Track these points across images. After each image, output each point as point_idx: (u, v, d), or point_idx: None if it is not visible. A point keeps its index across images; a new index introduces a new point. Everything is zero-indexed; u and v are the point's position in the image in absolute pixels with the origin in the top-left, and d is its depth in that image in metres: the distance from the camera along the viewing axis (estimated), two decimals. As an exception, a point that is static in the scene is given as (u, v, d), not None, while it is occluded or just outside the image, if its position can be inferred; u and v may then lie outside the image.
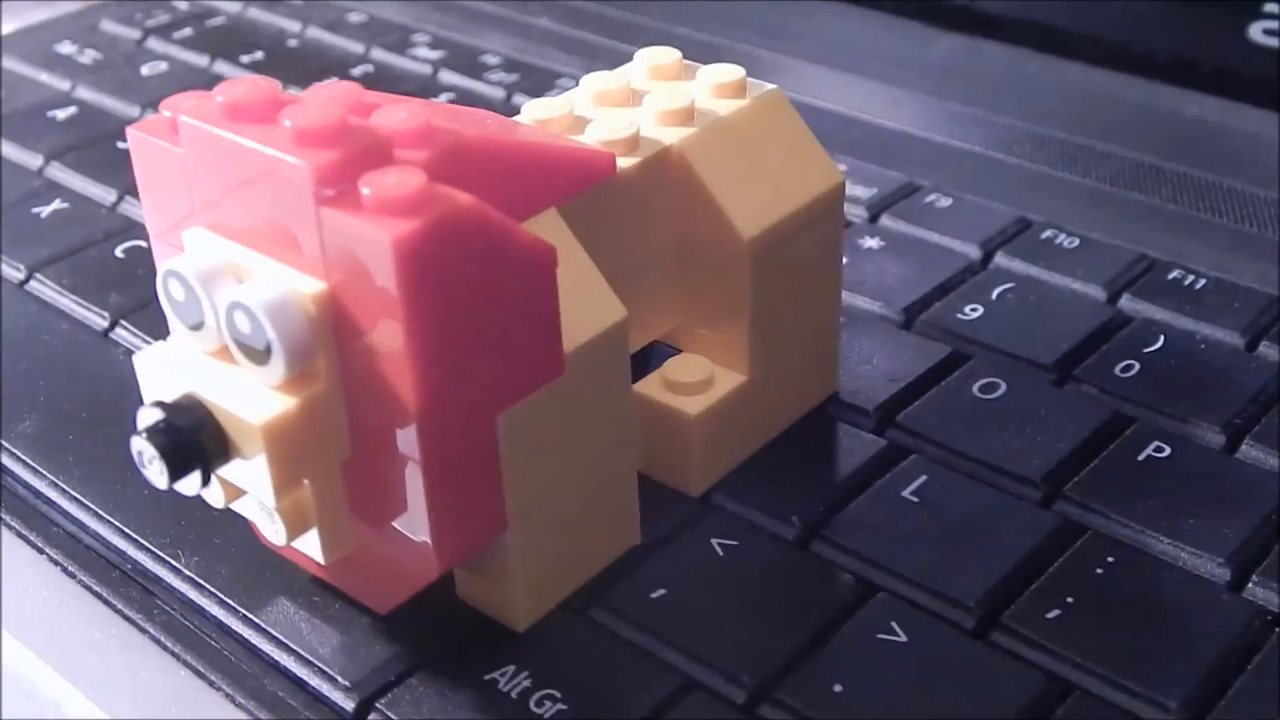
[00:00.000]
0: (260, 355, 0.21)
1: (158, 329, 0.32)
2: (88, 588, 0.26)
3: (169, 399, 0.22)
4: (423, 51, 0.44)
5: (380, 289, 0.20)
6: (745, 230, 0.25)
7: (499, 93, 0.42)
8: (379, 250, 0.20)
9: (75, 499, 0.28)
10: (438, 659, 0.24)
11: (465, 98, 0.41)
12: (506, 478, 0.23)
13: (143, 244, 0.35)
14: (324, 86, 0.23)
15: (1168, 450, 0.27)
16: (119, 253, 0.35)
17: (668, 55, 0.28)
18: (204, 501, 0.23)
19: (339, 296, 0.21)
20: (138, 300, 0.33)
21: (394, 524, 0.22)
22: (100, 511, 0.27)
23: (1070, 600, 0.24)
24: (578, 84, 0.27)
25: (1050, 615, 0.24)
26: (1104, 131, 0.39)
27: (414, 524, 0.22)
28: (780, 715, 0.23)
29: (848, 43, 0.44)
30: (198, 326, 0.22)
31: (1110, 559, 0.25)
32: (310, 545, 0.23)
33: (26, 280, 0.34)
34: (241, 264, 0.22)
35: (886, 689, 0.23)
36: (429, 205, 0.20)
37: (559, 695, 0.23)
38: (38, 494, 0.28)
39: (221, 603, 0.25)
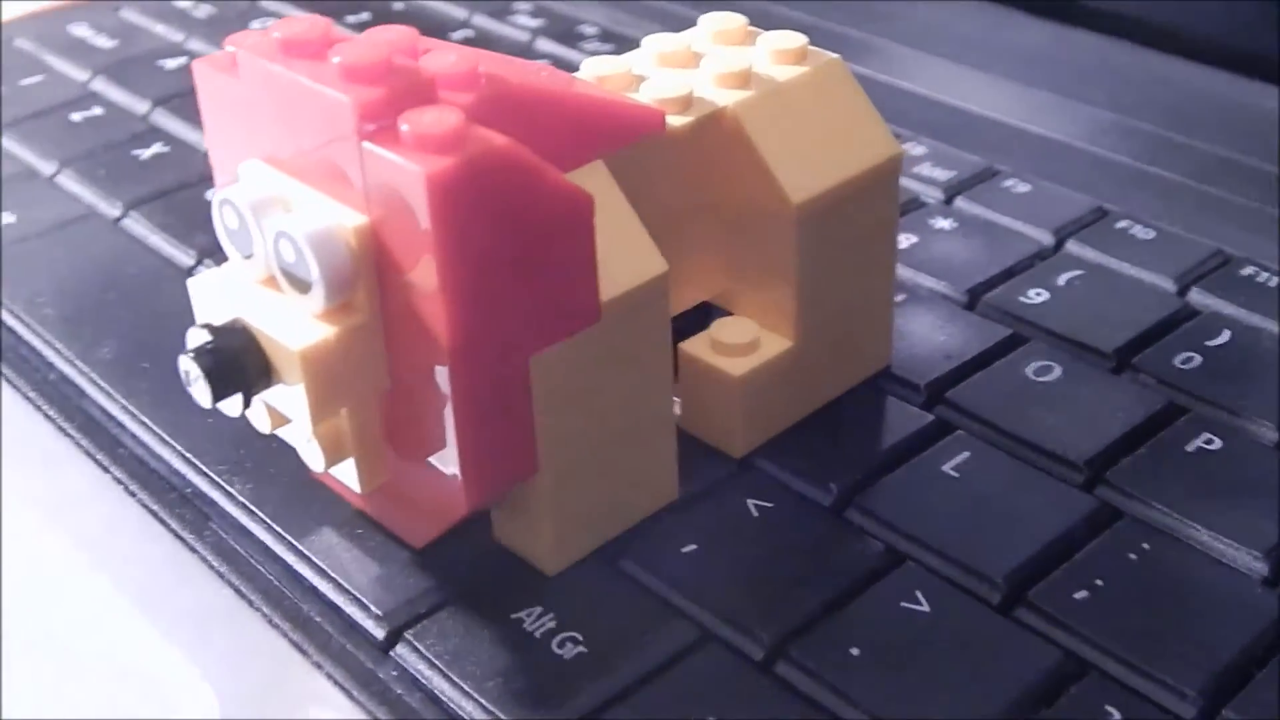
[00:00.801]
0: (304, 285, 0.22)
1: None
2: (145, 506, 0.27)
3: (217, 322, 0.22)
4: (523, 19, 0.45)
5: (417, 224, 0.21)
6: (794, 194, 0.26)
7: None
8: (414, 185, 0.20)
9: (143, 423, 0.29)
10: (468, 595, 0.24)
11: (560, 65, 0.41)
12: (539, 421, 0.23)
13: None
14: (382, 29, 0.23)
15: (1218, 443, 0.27)
16: (210, 195, 0.36)
17: (732, 20, 0.28)
18: (257, 436, 0.24)
19: (380, 230, 0.21)
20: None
21: (429, 459, 0.23)
22: (165, 435, 0.28)
23: (1100, 583, 0.24)
24: (642, 43, 0.28)
25: (1077, 595, 0.24)
26: (1192, 126, 0.38)
27: (446, 460, 0.23)
28: (795, 673, 0.23)
29: (941, 26, 0.44)
30: (249, 255, 0.23)
31: (1145, 545, 0.25)
32: (347, 474, 0.24)
33: (122, 217, 0.36)
34: (291, 196, 0.22)
35: (903, 656, 0.23)
36: (465, 144, 0.21)
37: (580, 638, 0.23)
38: (109, 416, 0.29)
39: (269, 528, 0.26)
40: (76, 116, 0.40)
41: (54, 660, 0.24)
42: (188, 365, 0.22)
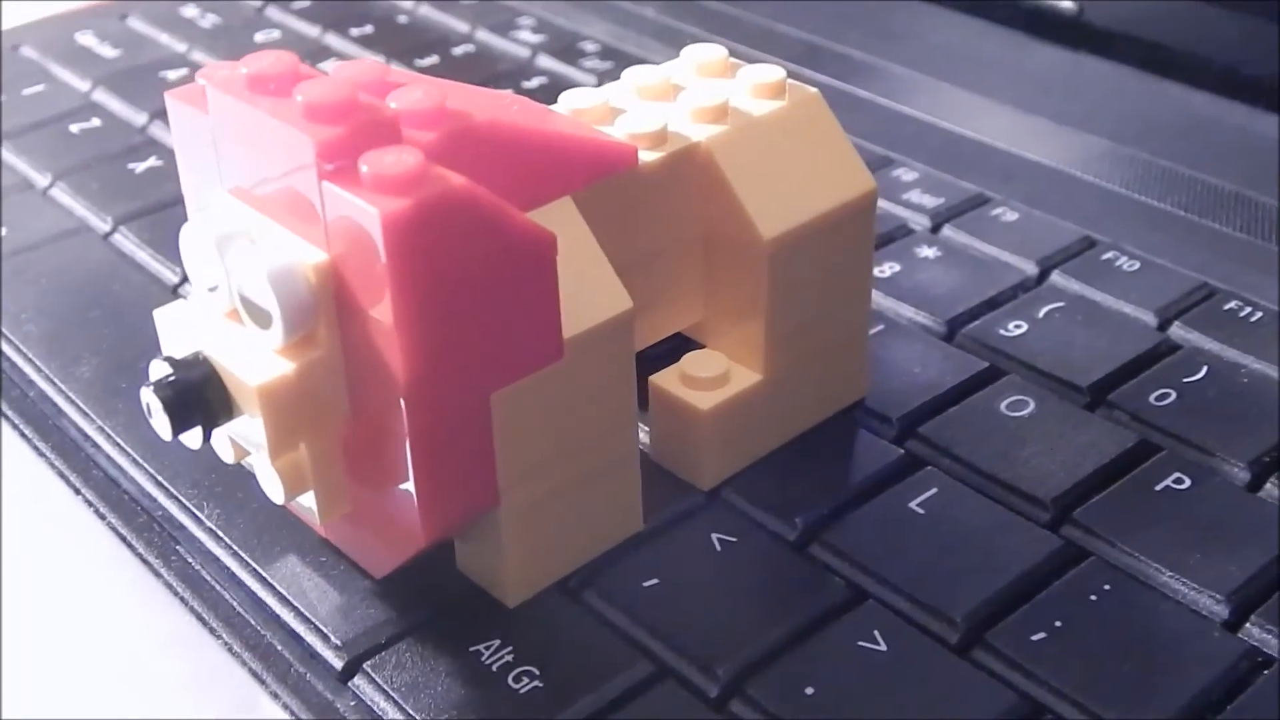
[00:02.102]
0: (265, 319, 0.22)
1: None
2: (114, 529, 0.27)
3: (179, 355, 0.23)
4: (524, 35, 0.45)
5: (375, 263, 0.21)
6: (765, 230, 0.26)
7: (590, 79, 0.42)
8: (371, 226, 0.20)
9: (117, 444, 0.29)
10: (428, 626, 0.25)
11: (558, 82, 0.42)
12: (500, 455, 0.23)
13: (224, 205, 0.36)
14: (352, 64, 0.23)
15: (1188, 482, 0.27)
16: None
17: (714, 52, 0.28)
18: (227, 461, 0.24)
19: (339, 267, 0.22)
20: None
21: (388, 490, 0.23)
22: (137, 457, 0.28)
23: (1059, 624, 0.24)
24: (622, 75, 0.28)
25: (1035, 637, 0.24)
26: (1189, 154, 0.38)
27: (405, 491, 0.23)
28: (749, 712, 0.23)
29: (949, 49, 0.44)
30: (214, 287, 0.23)
31: (1107, 586, 0.25)
32: (308, 505, 0.24)
33: (111, 232, 0.36)
34: (255, 230, 0.22)
35: (857, 696, 0.23)
36: (423, 185, 0.21)
37: (537, 673, 0.24)
38: (85, 436, 0.30)
39: (235, 554, 0.26)
40: (75, 128, 0.41)
41: (12, 680, 0.25)
42: (148, 397, 0.22)
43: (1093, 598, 0.25)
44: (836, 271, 0.27)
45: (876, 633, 0.24)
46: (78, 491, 0.28)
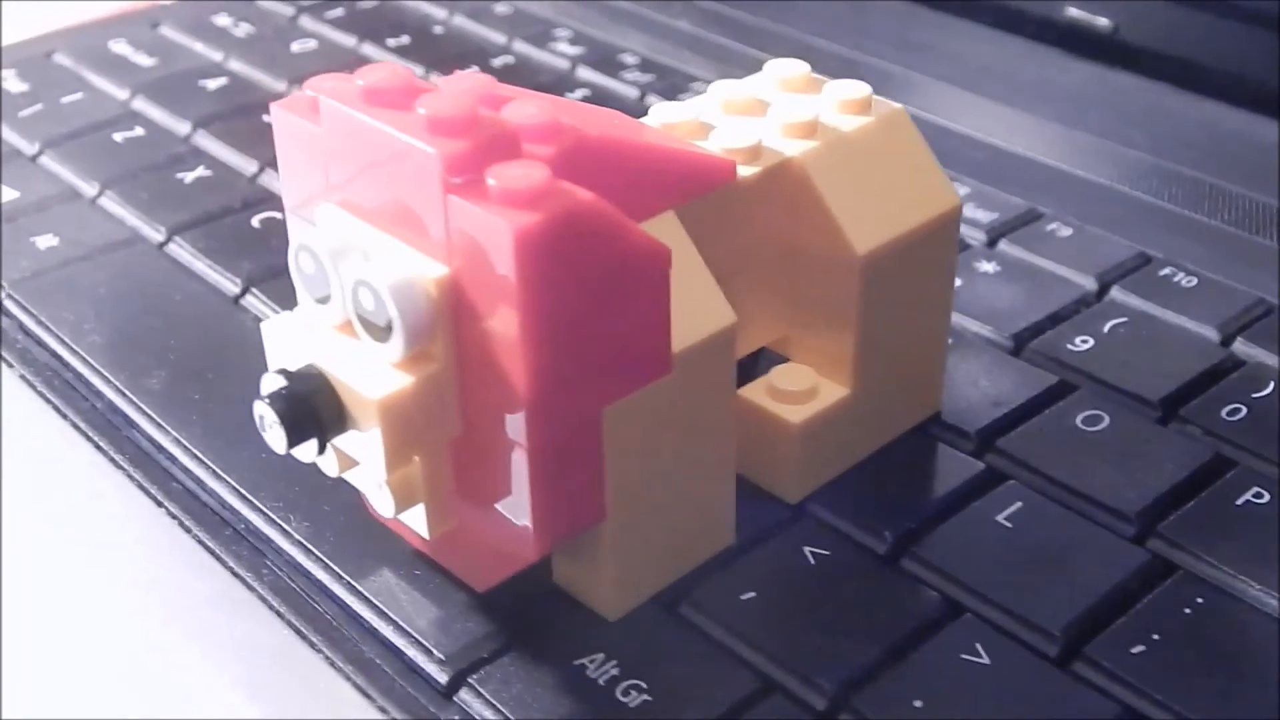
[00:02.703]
0: (382, 332, 0.22)
1: (287, 299, 0.33)
2: (201, 541, 0.27)
3: (292, 367, 0.23)
4: (563, 47, 0.45)
5: (500, 277, 0.21)
6: (859, 245, 0.26)
7: (633, 92, 0.42)
8: (501, 239, 0.20)
9: (195, 456, 0.29)
10: (530, 640, 0.25)
11: (599, 95, 0.42)
12: (608, 469, 0.23)
13: (277, 215, 0.36)
14: (459, 77, 0.23)
15: (1267, 497, 0.27)
16: (255, 222, 0.36)
17: (797, 68, 0.28)
18: (316, 468, 0.24)
19: (460, 281, 0.22)
20: (269, 269, 0.34)
21: (497, 505, 0.23)
22: (218, 470, 0.28)
23: (1156, 637, 0.24)
24: (708, 89, 0.28)
25: (1135, 650, 0.24)
26: (1235, 172, 0.38)
27: (516, 506, 0.23)
28: (854, 725, 0.23)
29: (982, 64, 0.44)
30: (324, 300, 0.23)
31: (1199, 600, 0.25)
32: (416, 519, 0.24)
33: (166, 242, 0.36)
34: (369, 243, 0.22)
35: (965, 710, 0.23)
36: (551, 199, 0.21)
37: (645, 686, 0.24)
38: (159, 448, 0.29)
39: (326, 567, 0.26)
40: (118, 136, 0.40)
41: (106, 696, 0.25)
42: (262, 410, 0.22)
43: (1187, 611, 0.25)
44: (922, 286, 0.28)
45: (978, 645, 0.24)
46: (159, 504, 0.28)
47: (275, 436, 0.22)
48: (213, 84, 0.43)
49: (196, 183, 0.38)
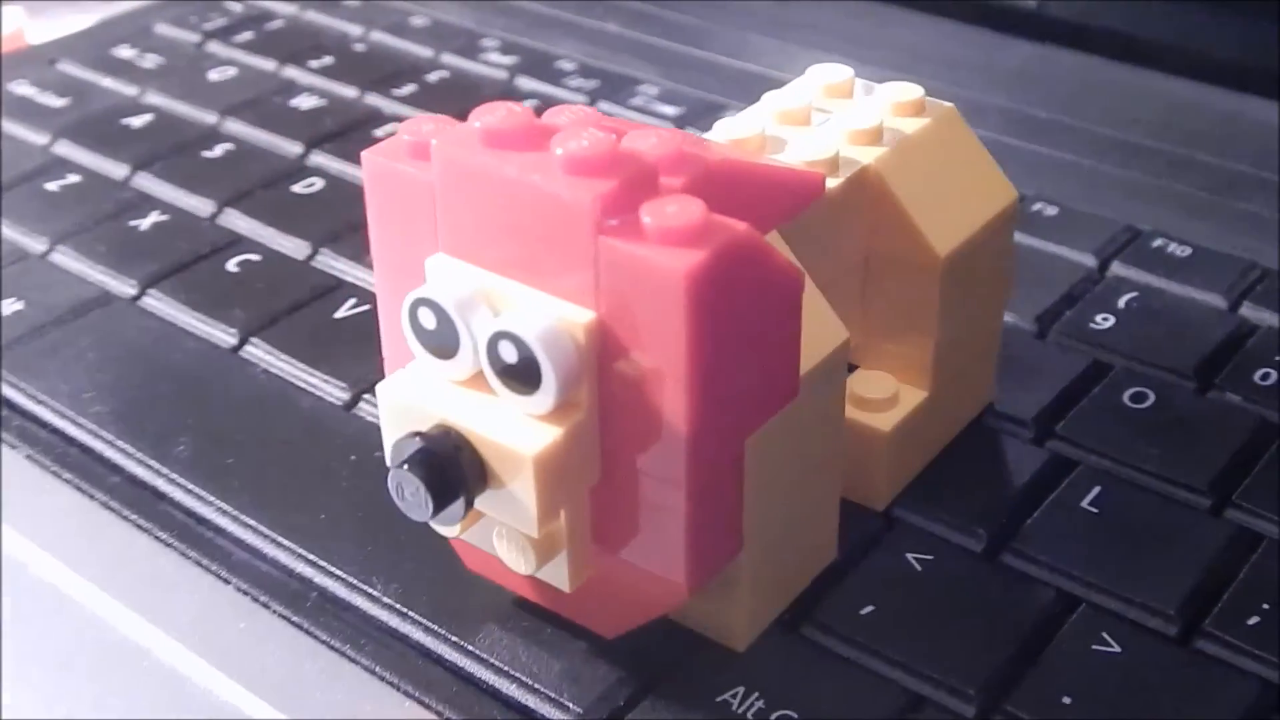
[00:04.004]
0: (526, 385, 0.21)
1: (293, 345, 0.31)
2: (286, 618, 0.26)
3: (422, 429, 0.21)
4: (494, 57, 0.44)
5: (659, 316, 0.20)
6: (940, 248, 0.26)
7: (580, 98, 0.41)
8: (665, 280, 0.20)
9: (249, 525, 0.27)
10: (663, 682, 0.24)
11: (548, 102, 0.41)
12: (746, 500, 0.23)
13: (254, 257, 0.35)
14: (560, 110, 0.22)
15: (1326, 457, 0.28)
16: (232, 266, 0.34)
17: (842, 73, 0.28)
18: (386, 523, 0.23)
19: (608, 324, 0.21)
20: (265, 316, 0.32)
21: (637, 548, 0.22)
22: (278, 537, 0.27)
23: (1266, 606, 0.25)
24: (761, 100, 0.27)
25: (1251, 622, 0.25)
26: (1197, 141, 0.39)
27: (663, 549, 0.22)
28: (1012, 728, 0.23)
29: (913, 48, 0.45)
30: (448, 355, 0.22)
31: (1295, 563, 0.26)
32: (554, 573, 0.23)
33: (140, 296, 0.34)
34: (495, 291, 0.21)
35: (1112, 699, 0.23)
36: (710, 234, 0.20)
37: (795, 716, 0.23)
38: (201, 520, 0.28)
39: (428, 629, 0.25)
40: (52, 186, 0.38)
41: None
42: (401, 478, 0.21)
43: (1285, 577, 0.26)
44: (986, 282, 0.28)
45: (1105, 634, 0.25)
46: (225, 580, 0.26)
47: (418, 503, 0.21)
48: (137, 121, 0.41)
49: (155, 229, 0.36)
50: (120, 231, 0.36)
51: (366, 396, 0.30)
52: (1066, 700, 0.23)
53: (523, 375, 0.21)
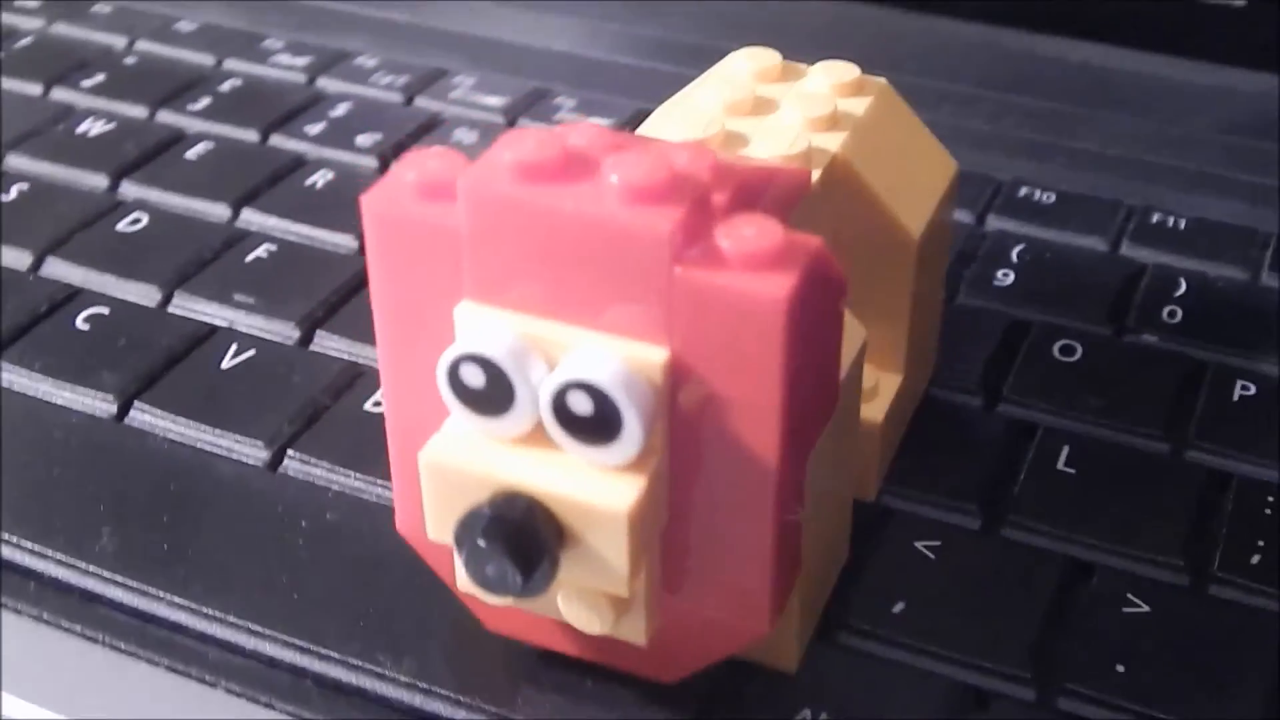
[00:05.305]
0: (601, 436, 0.19)
1: (185, 406, 0.28)
2: (295, 716, 0.23)
3: (482, 495, 0.19)
4: (285, 58, 0.41)
5: (746, 346, 0.19)
6: (914, 229, 0.25)
7: (396, 97, 0.39)
8: (758, 309, 0.18)
9: (213, 617, 0.24)
10: (728, 717, 0.23)
11: (366, 107, 0.38)
12: (805, 518, 0.22)
13: (102, 310, 0.31)
14: (572, 127, 0.21)
15: (1254, 389, 0.29)
16: (80, 324, 0.31)
17: (769, 57, 0.27)
18: (369, 592, 0.21)
19: (685, 360, 0.19)
20: (140, 375, 0.29)
21: (710, 587, 0.21)
22: (251, 625, 0.24)
23: (1261, 544, 0.26)
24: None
25: (1254, 561, 0.25)
26: (1016, 85, 0.40)
27: (741, 585, 0.21)
28: (1081, 706, 0.23)
29: (698, 13, 0.44)
30: (499, 411, 0.20)
31: (1271, 498, 0.27)
32: (630, 627, 0.21)
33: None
34: (543, 336, 0.20)
35: (1164, 661, 0.24)
36: (791, 254, 0.19)
37: (870, 728, 0.23)
38: (151, 618, 0.25)
39: (460, 703, 0.23)
40: None
41: None
42: (480, 556, 0.19)
43: (1267, 513, 0.26)
44: (939, 255, 0.27)
45: (1130, 595, 0.25)
46: (211, 685, 0.23)
47: (502, 576, 0.19)
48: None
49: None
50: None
51: (291, 452, 0.27)
52: (1120, 668, 0.23)
53: (598, 427, 0.19)
